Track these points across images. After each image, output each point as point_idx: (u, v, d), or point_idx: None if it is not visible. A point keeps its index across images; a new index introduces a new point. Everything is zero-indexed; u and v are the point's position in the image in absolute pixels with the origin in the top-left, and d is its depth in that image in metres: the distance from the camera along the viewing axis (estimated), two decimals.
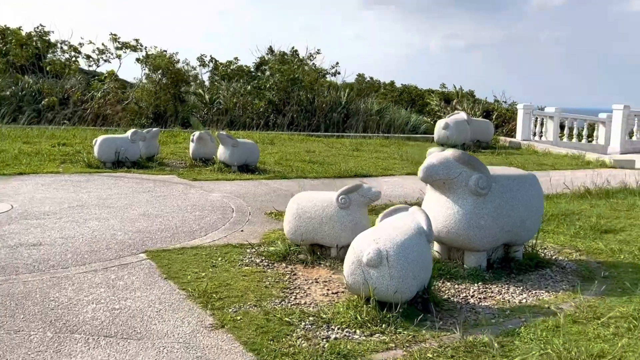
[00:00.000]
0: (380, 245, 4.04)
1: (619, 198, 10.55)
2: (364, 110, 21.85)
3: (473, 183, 5.25)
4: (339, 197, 5.54)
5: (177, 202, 8.42)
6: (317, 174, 11.64)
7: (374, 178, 11.67)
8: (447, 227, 5.38)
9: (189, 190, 9.49)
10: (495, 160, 16.40)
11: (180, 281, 4.90)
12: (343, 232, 5.53)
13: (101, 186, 9.57)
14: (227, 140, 11.55)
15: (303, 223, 5.63)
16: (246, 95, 21.37)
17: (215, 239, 6.49)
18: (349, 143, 17.41)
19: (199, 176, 10.86)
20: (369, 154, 15.32)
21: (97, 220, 7.17)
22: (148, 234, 6.60)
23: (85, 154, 12.42)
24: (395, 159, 14.56)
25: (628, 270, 5.89)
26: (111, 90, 19.94)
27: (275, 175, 11.23)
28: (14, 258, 5.51)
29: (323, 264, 5.61)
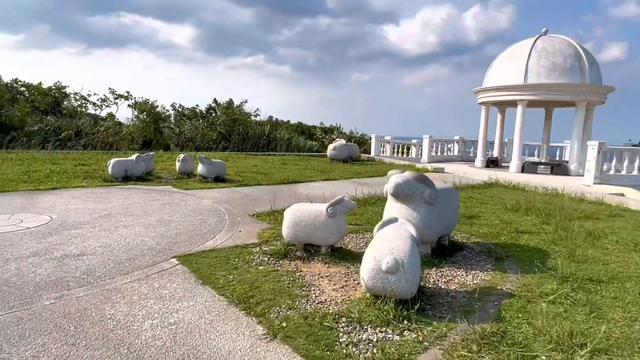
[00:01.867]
0: (396, 255, 3.13)
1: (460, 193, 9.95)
2: (279, 138, 20.58)
3: (427, 195, 4.40)
4: (328, 209, 4.47)
5: (181, 209, 6.80)
6: (267, 182, 10.27)
7: (304, 183, 10.46)
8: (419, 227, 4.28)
9: (186, 197, 7.81)
10: (365, 168, 15.75)
11: (216, 286, 3.72)
12: (331, 234, 4.53)
13: (119, 197, 7.70)
14: (204, 160, 9.94)
15: (300, 229, 4.52)
16: (204, 129, 19.36)
17: (223, 241, 5.19)
18: (276, 159, 16.12)
19: (188, 186, 9.14)
20: (292, 166, 14.06)
21: (125, 227, 5.51)
22: (170, 239, 5.21)
23: (101, 171, 10.28)
24: (311, 169, 13.40)
25: (516, 249, 5.12)
26: (111, 126, 17.15)
27: (240, 184, 9.76)
28: (62, 271, 4.04)
29: (316, 259, 4.63)
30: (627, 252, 5.06)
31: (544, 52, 15.12)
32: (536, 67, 15.02)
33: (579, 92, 14.66)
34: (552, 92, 14.77)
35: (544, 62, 14.94)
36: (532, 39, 15.80)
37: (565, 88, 14.62)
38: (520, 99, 15.32)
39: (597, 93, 14.89)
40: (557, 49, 15.08)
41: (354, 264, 4.38)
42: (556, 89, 14.69)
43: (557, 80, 14.62)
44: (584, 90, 14.62)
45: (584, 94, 14.71)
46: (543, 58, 15.02)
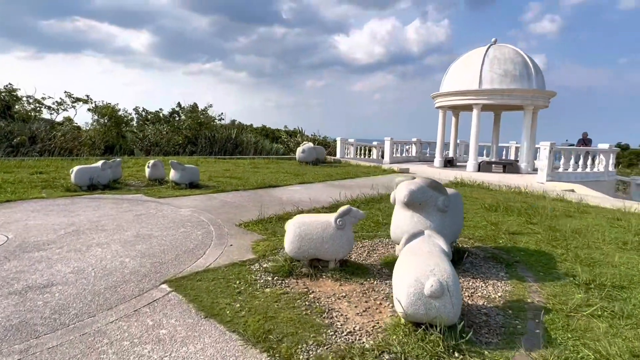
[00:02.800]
0: (439, 276, 2.62)
1: None
2: (246, 141, 19.55)
3: (441, 203, 3.88)
4: (337, 220, 3.81)
5: (159, 220, 5.86)
6: (244, 187, 9.39)
7: (282, 187, 9.70)
8: None
9: (161, 207, 6.83)
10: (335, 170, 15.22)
11: (223, 319, 2.96)
12: (341, 248, 3.84)
13: (86, 209, 6.53)
14: (177, 166, 8.94)
15: (306, 243, 3.81)
16: (170, 133, 17.98)
17: (215, 258, 4.38)
18: (246, 163, 15.12)
19: (162, 194, 8.10)
20: (264, 169, 13.19)
21: (99, 246, 4.51)
22: (154, 258, 4.30)
23: (62, 180, 8.93)
24: (284, 172, 12.64)
25: (520, 253, 4.75)
26: (69, 131, 15.42)
27: (217, 190, 8.82)
28: (27, 310, 3.08)
29: (325, 275, 3.94)
30: (623, 252, 4.81)
31: (496, 60, 15.37)
32: (489, 73, 15.23)
33: (528, 97, 15.03)
34: (504, 96, 15.03)
35: (496, 69, 15.18)
36: (484, 48, 16.03)
37: (516, 93, 14.93)
38: (476, 103, 15.48)
39: (542, 98, 15.35)
40: (507, 57, 15.37)
41: (367, 279, 3.79)
42: (508, 94, 14.97)
43: (509, 86, 14.89)
44: (532, 95, 15.00)
45: (532, 98, 15.11)
46: (495, 65, 15.25)
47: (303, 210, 6.63)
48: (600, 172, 13.88)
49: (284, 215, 6.34)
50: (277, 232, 5.37)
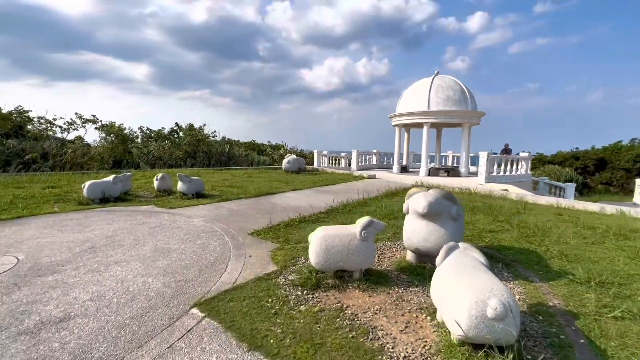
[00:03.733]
0: (499, 297, 1.92)
1: (405, 194, 9.13)
2: (238, 155, 18.38)
3: (454, 212, 3.27)
4: (362, 232, 3.05)
5: (174, 232, 4.89)
6: (245, 195, 8.46)
7: (278, 194, 8.85)
8: (437, 244, 3.40)
9: (174, 218, 5.83)
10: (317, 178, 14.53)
11: (270, 352, 2.29)
12: (366, 258, 3.16)
13: (101, 222, 5.42)
14: (184, 179, 7.89)
15: (332, 255, 3.08)
16: (171, 148, 16.58)
17: (239, 272, 3.60)
18: (240, 173, 14.04)
19: (172, 204, 7.03)
20: (257, 178, 12.23)
21: (118, 264, 3.53)
22: (178, 276, 3.41)
23: (75, 193, 7.59)
24: (275, 181, 11.81)
25: (510, 252, 4.30)
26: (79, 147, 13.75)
27: (221, 199, 7.83)
28: (41, 357, 2.09)
29: (351, 286, 3.22)
30: (590, 246, 4.41)
31: (440, 88, 15.35)
32: (435, 98, 15.18)
33: (465, 116, 15.10)
34: (447, 116, 15.01)
35: (440, 95, 15.15)
36: (430, 78, 15.99)
37: (456, 114, 14.95)
38: (426, 121, 15.37)
39: (476, 117, 15.49)
40: (448, 85, 15.40)
41: (391, 287, 3.14)
42: (450, 114, 14.96)
43: (451, 108, 14.89)
44: (468, 115, 15.09)
45: (468, 118, 15.20)
46: (440, 92, 15.22)
47: (305, 217, 5.89)
48: (522, 174, 14.14)
49: (290, 222, 5.58)
50: (290, 239, 4.61)
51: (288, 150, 21.41)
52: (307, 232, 5.02)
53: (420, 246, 3.40)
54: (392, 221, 5.71)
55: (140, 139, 18.99)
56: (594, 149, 26.54)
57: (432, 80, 15.78)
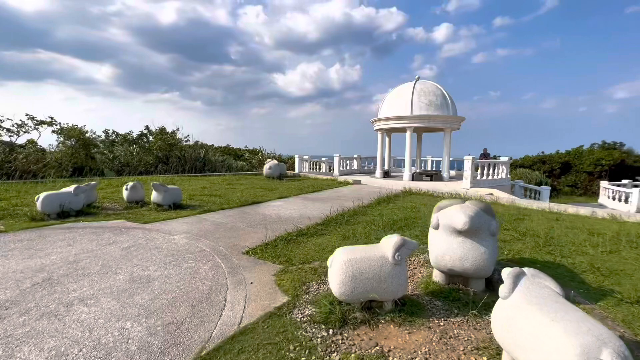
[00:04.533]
0: (612, 346, 1.55)
1: (397, 200, 8.86)
2: (214, 160, 17.33)
3: (494, 227, 2.81)
4: (396, 255, 2.49)
5: (153, 254, 4.10)
6: (228, 205, 7.71)
7: (265, 203, 8.18)
8: (476, 264, 2.97)
9: (151, 235, 4.99)
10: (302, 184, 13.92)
11: None
12: (400, 286, 2.65)
13: (59, 244, 4.48)
14: (160, 188, 7.03)
15: (361, 284, 2.56)
16: (141, 154, 15.30)
17: (243, 306, 2.92)
18: (219, 180, 13.11)
19: (145, 218, 6.18)
20: (238, 185, 11.42)
21: (84, 303, 2.76)
22: (165, 316, 2.70)
23: (26, 207, 6.44)
24: (258, 188, 11.08)
25: (535, 265, 4.01)
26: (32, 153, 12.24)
27: (203, 210, 7.04)
28: None
29: (383, 320, 2.70)
30: (613, 255, 4.19)
31: (422, 92, 15.37)
32: (418, 103, 15.16)
33: (447, 121, 15.21)
34: (430, 121, 15.03)
35: (423, 100, 15.16)
36: (412, 83, 16.00)
37: (439, 119, 15.01)
38: (409, 126, 15.30)
39: (457, 122, 15.66)
40: (430, 90, 15.46)
41: (429, 319, 2.65)
42: (433, 119, 14.99)
43: (434, 113, 14.92)
44: (450, 120, 15.21)
45: (450, 122, 15.32)
46: (422, 97, 15.24)
47: (302, 230, 5.29)
48: (503, 178, 14.40)
49: (287, 236, 4.96)
50: (292, 258, 4.01)
51: (267, 156, 20.60)
52: (309, 248, 4.44)
53: (456, 266, 2.96)
54: (398, 232, 5.27)
55: (104, 143, 17.38)
56: (559, 153, 28.08)
57: (414, 85, 15.79)
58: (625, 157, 24.08)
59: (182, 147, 17.35)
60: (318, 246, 4.51)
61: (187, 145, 18.46)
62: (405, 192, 10.73)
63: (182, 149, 17.19)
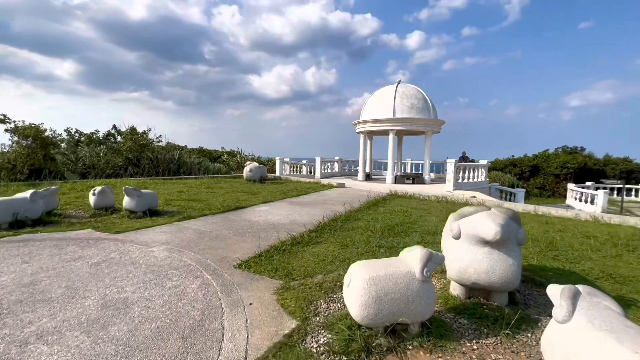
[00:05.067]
0: None
1: (386, 203, 8.63)
2: (190, 162, 16.42)
3: (522, 237, 2.59)
4: (424, 271, 2.17)
5: (129, 271, 3.55)
6: (210, 210, 7.15)
7: (249, 209, 7.70)
8: (504, 277, 2.71)
9: (125, 248, 4.37)
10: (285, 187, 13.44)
11: None
12: (429, 306, 2.35)
13: (10, 260, 3.79)
14: (133, 193, 6.37)
15: (386, 305, 2.24)
16: (108, 155, 14.18)
17: (246, 335, 2.45)
18: (197, 183, 12.34)
19: (117, 227, 5.52)
20: (218, 189, 10.77)
21: (43, 341, 2.21)
22: (151, 354, 2.17)
23: None
24: (240, 192, 10.49)
25: (547, 273, 3.87)
26: None
27: (182, 217, 6.42)
28: None
29: (411, 346, 2.37)
30: (615, 259, 4.12)
31: (404, 96, 15.43)
32: (400, 106, 15.20)
33: (429, 124, 15.35)
34: (412, 124, 15.10)
35: (405, 103, 15.21)
36: (394, 86, 16.04)
37: (421, 122, 15.12)
38: (391, 128, 15.29)
39: (437, 125, 15.86)
40: (411, 94, 15.56)
41: (460, 342, 2.35)
42: (415, 122, 15.08)
43: (415, 116, 15.01)
44: (432, 123, 15.36)
45: (432, 126, 15.48)
46: (404, 100, 15.29)
47: (296, 238, 4.88)
48: (482, 181, 14.73)
49: (280, 245, 4.53)
50: (292, 272, 3.60)
51: (246, 158, 19.88)
52: (307, 258, 4.05)
53: (481, 280, 2.70)
54: (397, 239, 5.01)
55: (68, 143, 15.94)
56: (527, 157, 29.49)
57: (396, 87, 15.83)
58: (587, 161, 25.68)
59: (155, 148, 16.31)
60: (316, 256, 4.13)
61: (160, 147, 17.41)
62: (391, 195, 10.58)
63: (155, 150, 16.15)
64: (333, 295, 3.05)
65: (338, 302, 2.91)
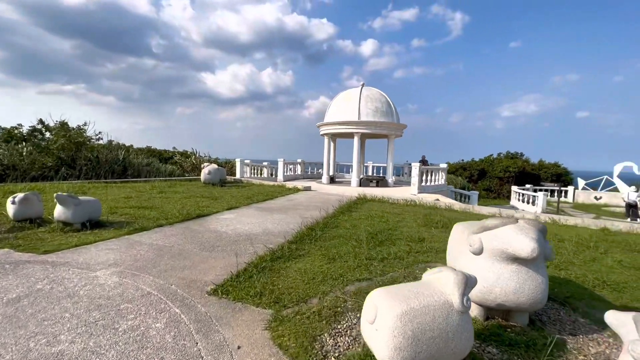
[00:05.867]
0: None
1: (359, 208, 8.34)
2: (137, 163, 14.71)
3: (549, 251, 2.36)
4: (465, 300, 1.76)
5: (65, 308, 2.69)
6: (166, 220, 6.20)
7: (212, 216, 6.90)
8: (533, 297, 2.47)
9: (57, 273, 3.42)
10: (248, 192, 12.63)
11: None
12: (468, 341, 1.96)
13: None
14: (68, 200, 5.28)
15: (424, 346, 1.81)
16: (34, 154, 12.10)
17: None
18: (147, 187, 10.94)
19: (46, 245, 4.43)
20: (172, 194, 9.63)
21: None
22: None
23: None
24: (198, 197, 9.46)
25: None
26: None
27: (133, 228, 5.42)
28: None
29: None
30: (596, 263, 4.16)
31: (369, 99, 15.45)
32: (365, 109, 15.18)
33: (393, 128, 15.54)
34: (377, 127, 15.16)
35: (370, 106, 15.23)
36: (359, 89, 16.00)
37: (385, 125, 15.24)
38: (357, 131, 15.19)
39: (400, 129, 16.14)
40: (376, 97, 15.65)
41: None
42: (380, 125, 15.15)
43: (380, 119, 15.09)
44: (395, 127, 15.57)
45: (395, 129, 15.70)
46: (369, 103, 15.30)
47: (275, 252, 4.26)
48: (442, 184, 15.27)
49: (258, 262, 3.89)
50: (280, 297, 3.00)
51: (202, 159, 18.42)
52: (294, 277, 3.49)
53: (509, 301, 2.39)
54: (384, 248, 4.66)
55: None
56: (475, 161, 31.73)
57: (360, 90, 15.81)
58: (526, 165, 28.34)
59: (94, 147, 14.34)
60: (304, 274, 3.59)
61: (101, 145, 15.40)
62: (361, 198, 10.34)
63: (94, 149, 14.19)
64: (336, 325, 2.54)
65: (345, 334, 2.42)
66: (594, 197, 23.19)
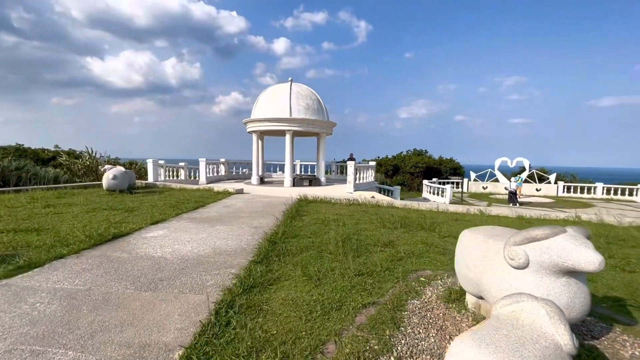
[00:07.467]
0: None
1: (307, 211, 7.79)
2: (3, 168, 11.07)
3: None
4: (574, 340, 1.45)
5: None
6: (67, 248, 4.50)
7: (135, 235, 5.37)
8: (583, 311, 2.32)
9: None
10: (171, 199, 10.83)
11: None
12: None
13: None
14: None
15: None
16: None
17: None
18: (24, 199, 8.14)
19: None
20: (66, 208, 7.36)
21: None
22: None
23: None
24: (106, 209, 7.45)
25: None
26: None
27: (18, 267, 3.70)
28: None
29: None
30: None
31: (300, 96, 14.93)
32: (297, 106, 14.61)
33: (324, 126, 15.37)
34: (309, 125, 14.76)
35: (301, 103, 14.72)
36: (288, 84, 15.33)
37: (317, 123, 14.95)
38: (288, 129, 14.51)
39: (331, 127, 16.10)
40: (306, 94, 15.23)
41: None
42: (312, 123, 14.79)
43: (312, 117, 14.73)
44: (326, 125, 15.43)
45: (326, 127, 15.56)
46: (300, 100, 14.79)
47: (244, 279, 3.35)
48: (372, 181, 15.84)
49: (228, 298, 2.95)
50: (287, 352, 2.22)
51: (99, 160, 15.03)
52: (283, 313, 2.72)
53: None
54: (363, 259, 4.21)
55: None
56: (388, 158, 34.49)
57: (290, 87, 15.17)
58: (430, 161, 32.10)
59: None
60: (295, 307, 2.84)
61: None
62: (303, 200, 9.77)
63: None
64: None
65: None
66: (482, 187, 27.68)
